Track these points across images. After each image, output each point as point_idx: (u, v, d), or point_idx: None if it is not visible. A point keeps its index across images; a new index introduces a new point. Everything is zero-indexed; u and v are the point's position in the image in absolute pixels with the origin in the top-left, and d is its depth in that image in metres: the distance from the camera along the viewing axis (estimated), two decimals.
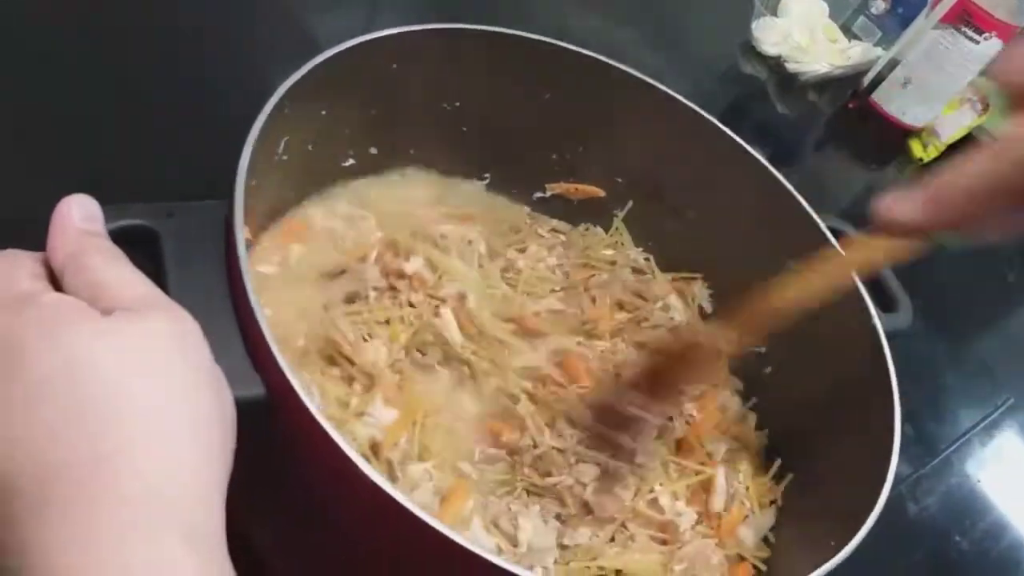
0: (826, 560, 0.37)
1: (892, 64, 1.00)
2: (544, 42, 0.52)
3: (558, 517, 0.44)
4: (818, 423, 0.50)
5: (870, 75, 1.03)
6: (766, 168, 0.54)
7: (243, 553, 0.28)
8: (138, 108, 0.55)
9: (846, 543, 0.38)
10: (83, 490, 0.25)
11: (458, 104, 0.54)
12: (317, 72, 0.42)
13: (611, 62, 0.55)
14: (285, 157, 0.45)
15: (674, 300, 0.57)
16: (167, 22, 0.61)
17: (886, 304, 0.54)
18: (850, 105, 1.05)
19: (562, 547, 0.43)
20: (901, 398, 0.51)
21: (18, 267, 0.30)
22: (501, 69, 0.53)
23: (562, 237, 0.60)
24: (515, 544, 0.42)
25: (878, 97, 1.01)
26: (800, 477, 0.49)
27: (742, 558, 0.47)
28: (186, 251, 0.35)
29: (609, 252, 0.60)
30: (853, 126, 1.04)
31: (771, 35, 1.03)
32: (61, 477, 0.25)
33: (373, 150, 0.54)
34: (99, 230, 0.32)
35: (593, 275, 0.58)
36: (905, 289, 0.58)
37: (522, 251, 0.57)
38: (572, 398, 0.47)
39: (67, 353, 0.26)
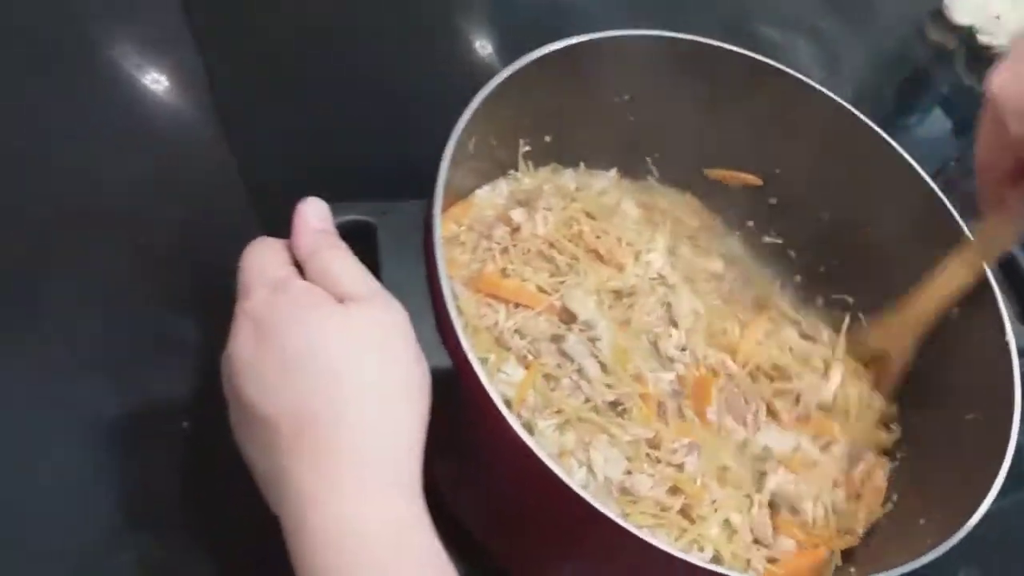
0: (915, 558, 0.42)
1: None
2: (711, 45, 0.56)
3: None
4: (936, 425, 0.53)
5: None
6: (926, 183, 0.56)
7: (430, 488, 0.38)
8: (358, 120, 0.65)
9: (940, 544, 0.42)
10: (327, 436, 0.34)
11: (627, 97, 0.60)
12: (506, 84, 0.49)
13: (770, 62, 0.57)
14: (472, 152, 0.53)
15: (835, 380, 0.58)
16: (375, 46, 0.70)
17: None
18: None
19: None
20: None
21: (273, 254, 0.40)
22: (670, 69, 0.57)
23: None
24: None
25: None
26: (910, 475, 0.53)
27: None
28: (397, 243, 0.43)
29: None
30: None
31: (964, 4, 0.99)
32: (309, 426, 0.34)
33: (547, 138, 0.60)
34: (330, 228, 0.41)
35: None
36: None
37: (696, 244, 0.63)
38: None
39: (314, 333, 0.35)
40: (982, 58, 0.99)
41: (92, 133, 0.59)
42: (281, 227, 0.41)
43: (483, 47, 0.74)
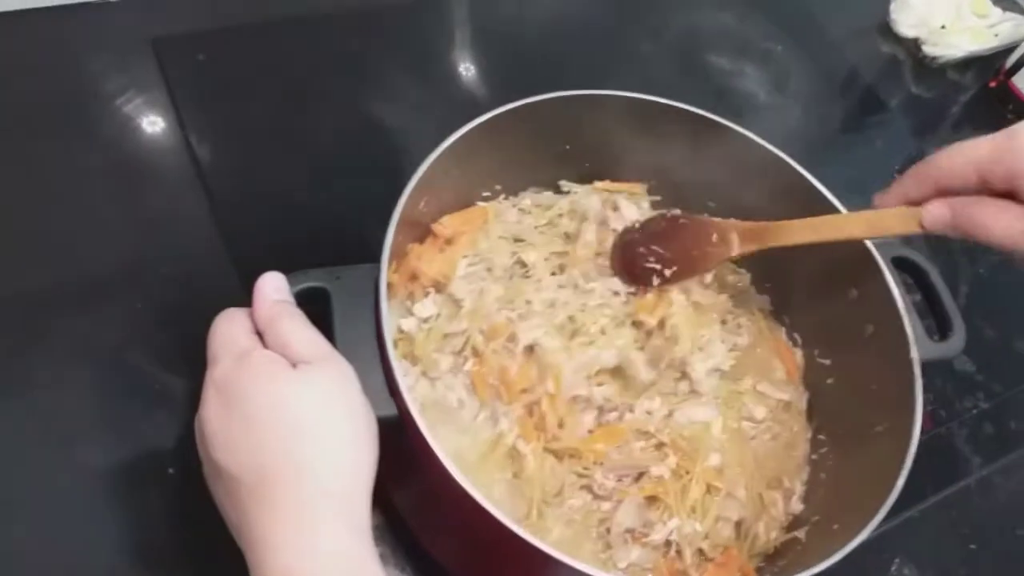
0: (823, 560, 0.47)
1: None
2: (638, 99, 0.62)
3: None
4: (851, 438, 0.59)
5: (1013, 56, 1.02)
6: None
7: (391, 509, 0.45)
8: (328, 188, 0.72)
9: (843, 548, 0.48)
10: (286, 487, 0.40)
11: (568, 147, 0.65)
12: (446, 153, 0.55)
13: (688, 108, 0.62)
14: (425, 210, 0.58)
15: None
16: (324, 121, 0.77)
17: (942, 328, 0.61)
18: (991, 84, 1.04)
19: None
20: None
21: (238, 324, 0.46)
22: (601, 121, 0.63)
23: None
24: None
25: (1018, 81, 1.00)
26: (830, 484, 0.58)
27: None
28: (349, 305, 0.49)
29: None
30: (994, 107, 1.04)
31: (908, 17, 1.04)
32: (270, 479, 0.40)
33: (498, 187, 0.66)
34: (286, 298, 0.47)
35: None
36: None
37: None
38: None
39: (272, 397, 0.41)
40: (928, 67, 1.04)
41: (86, 205, 0.66)
42: None
43: (437, 111, 0.80)
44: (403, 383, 0.46)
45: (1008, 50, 1.04)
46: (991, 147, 0.45)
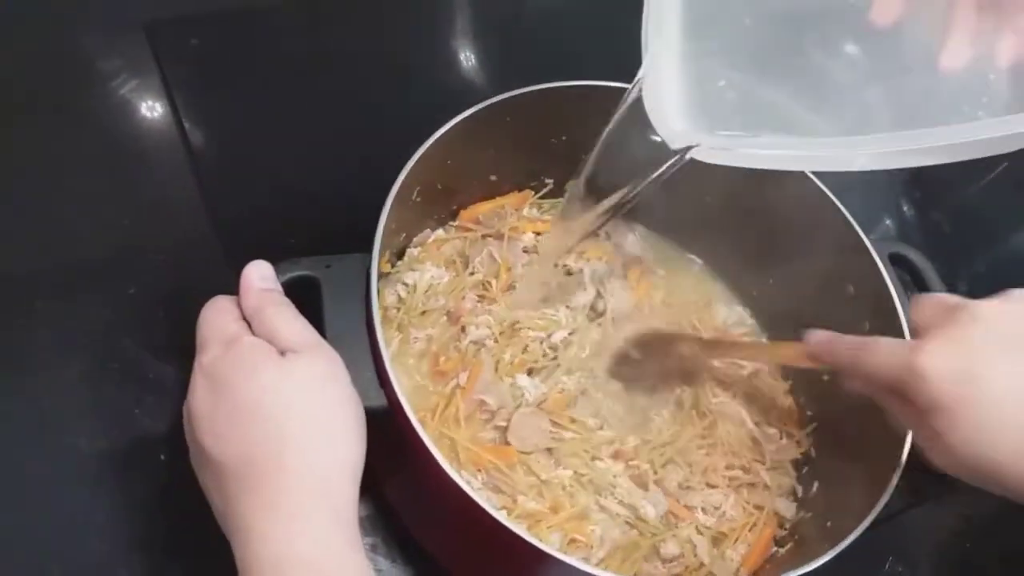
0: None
1: None
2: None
3: None
4: (844, 437, 0.58)
5: None
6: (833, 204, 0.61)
7: (382, 499, 0.46)
8: (321, 174, 0.71)
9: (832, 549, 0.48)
10: (271, 477, 0.39)
11: (564, 138, 0.65)
12: (438, 143, 0.54)
13: None
14: (418, 200, 0.58)
15: None
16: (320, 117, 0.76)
17: None
18: None
19: None
20: None
21: (226, 312, 0.45)
22: (595, 112, 0.62)
23: None
24: None
25: None
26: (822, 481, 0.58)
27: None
28: (339, 294, 0.49)
29: None
30: None
31: None
32: (256, 467, 0.40)
33: (493, 177, 0.66)
34: (273, 286, 0.47)
35: None
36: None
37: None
38: None
39: (258, 386, 0.41)
40: None
41: (78, 190, 0.65)
42: None
43: (435, 100, 0.79)
44: (393, 374, 0.45)
45: None
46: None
